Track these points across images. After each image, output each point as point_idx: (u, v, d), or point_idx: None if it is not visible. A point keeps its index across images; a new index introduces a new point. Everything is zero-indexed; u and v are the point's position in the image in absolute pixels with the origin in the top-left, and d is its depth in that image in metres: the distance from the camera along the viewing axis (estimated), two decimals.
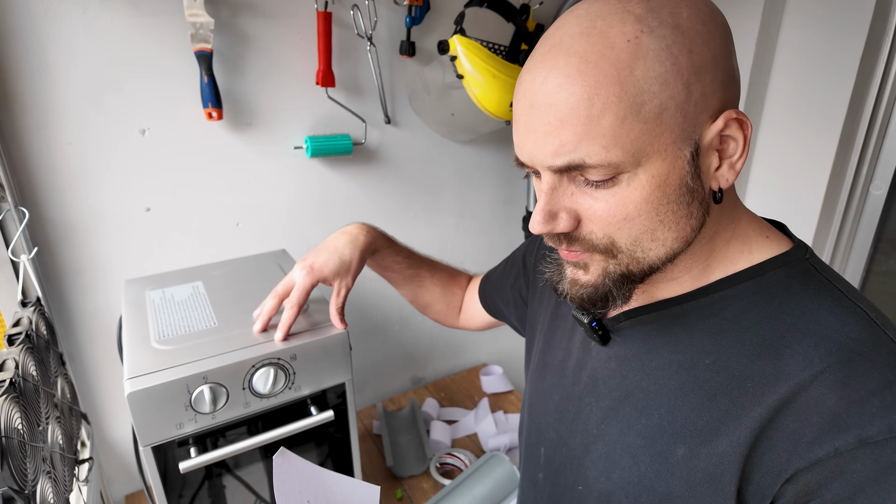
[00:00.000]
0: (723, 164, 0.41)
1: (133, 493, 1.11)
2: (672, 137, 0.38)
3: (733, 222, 0.46)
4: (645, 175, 0.39)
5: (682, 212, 0.41)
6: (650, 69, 0.36)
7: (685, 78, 0.37)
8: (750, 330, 0.43)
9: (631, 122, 0.37)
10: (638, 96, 0.37)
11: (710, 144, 0.40)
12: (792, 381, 0.39)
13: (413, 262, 0.84)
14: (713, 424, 0.42)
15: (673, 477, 0.44)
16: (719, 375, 0.43)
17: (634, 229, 0.41)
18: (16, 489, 0.53)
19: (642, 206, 0.40)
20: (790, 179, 1.23)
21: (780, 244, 0.46)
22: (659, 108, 0.37)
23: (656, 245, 0.42)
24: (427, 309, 0.89)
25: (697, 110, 0.38)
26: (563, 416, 0.57)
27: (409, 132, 1.20)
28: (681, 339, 0.46)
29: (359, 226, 0.78)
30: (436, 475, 1.11)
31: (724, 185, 0.42)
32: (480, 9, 1.09)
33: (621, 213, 0.40)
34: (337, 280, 0.74)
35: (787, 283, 0.43)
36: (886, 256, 1.23)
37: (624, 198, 0.40)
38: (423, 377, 1.47)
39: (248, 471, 0.77)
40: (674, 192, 0.40)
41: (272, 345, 0.71)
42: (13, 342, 0.70)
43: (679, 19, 0.37)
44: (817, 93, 1.13)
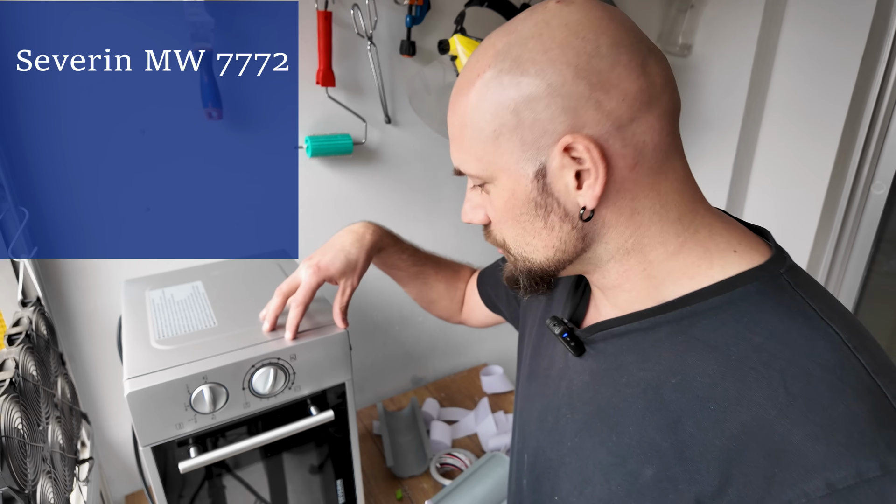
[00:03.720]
0: (583, 185, 0.43)
1: (133, 493, 1.11)
2: (513, 158, 0.44)
3: (683, 234, 0.45)
4: (497, 188, 0.46)
5: (539, 223, 0.46)
6: (485, 101, 0.43)
7: (512, 108, 0.42)
8: (717, 349, 0.41)
9: (479, 144, 0.45)
10: (478, 122, 0.44)
11: (560, 165, 0.42)
12: (755, 412, 0.38)
13: (418, 260, 0.84)
14: (677, 449, 0.41)
15: (644, 498, 0.43)
16: (684, 397, 0.42)
17: (510, 232, 0.48)
18: (16, 489, 0.53)
19: (504, 213, 0.47)
20: (791, 179, 1.23)
21: (754, 256, 0.44)
22: (494, 133, 0.44)
23: (531, 250, 0.48)
24: (432, 306, 0.89)
25: (535, 135, 0.42)
26: (543, 424, 0.57)
27: (409, 132, 1.20)
28: (649, 356, 0.45)
29: (364, 224, 0.77)
30: (436, 475, 1.11)
31: (588, 205, 0.43)
32: (481, 8, 1.09)
33: (496, 217, 0.49)
34: (343, 279, 0.74)
35: (759, 300, 0.42)
36: (887, 256, 1.23)
37: (493, 204, 0.48)
38: (423, 377, 1.47)
39: (248, 471, 0.77)
40: (523, 205, 0.45)
41: (272, 345, 0.71)
42: (13, 342, 0.70)
43: (523, 51, 0.42)
44: (818, 93, 1.13)
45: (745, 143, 1.26)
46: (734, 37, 1.18)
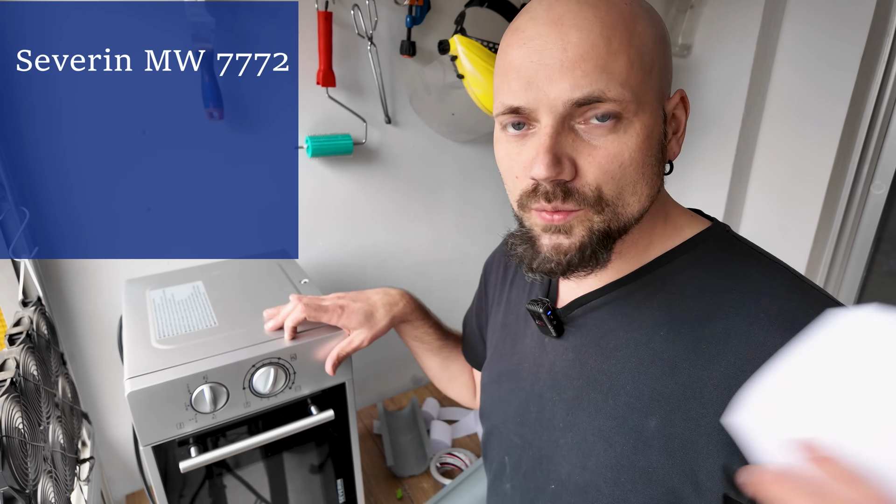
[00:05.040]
0: (673, 138, 0.46)
1: (134, 492, 1.11)
2: (655, 95, 0.43)
3: (666, 203, 0.50)
4: (639, 123, 0.42)
5: (656, 168, 0.45)
6: (646, 28, 0.42)
7: (664, 46, 0.43)
8: (694, 298, 0.46)
9: (637, 69, 0.41)
10: (641, 46, 0.41)
11: (669, 114, 0.45)
12: (742, 337, 0.42)
13: (442, 335, 0.82)
14: (679, 390, 0.44)
15: (651, 449, 0.45)
16: (675, 344, 0.45)
17: (623, 179, 0.43)
18: (17, 488, 0.53)
19: (636, 155, 0.42)
20: (791, 179, 1.23)
21: (703, 222, 0.51)
22: (651, 63, 0.42)
23: (634, 199, 0.44)
24: (452, 382, 0.85)
25: (667, 79, 0.44)
26: (525, 418, 0.57)
27: (409, 132, 1.20)
28: (633, 318, 0.49)
29: (401, 293, 0.77)
30: (436, 475, 1.11)
31: (671, 158, 0.47)
32: (481, 9, 1.09)
33: (618, 160, 0.42)
34: (356, 331, 0.74)
35: (717, 254, 0.48)
36: (887, 256, 1.23)
37: (621, 144, 0.42)
38: (423, 377, 1.47)
39: (248, 470, 0.77)
40: (655, 146, 0.44)
41: (272, 344, 0.71)
42: (14, 342, 0.70)
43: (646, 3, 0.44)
44: (818, 92, 1.13)
45: (745, 143, 1.26)
46: (734, 37, 1.18)
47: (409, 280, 1.33)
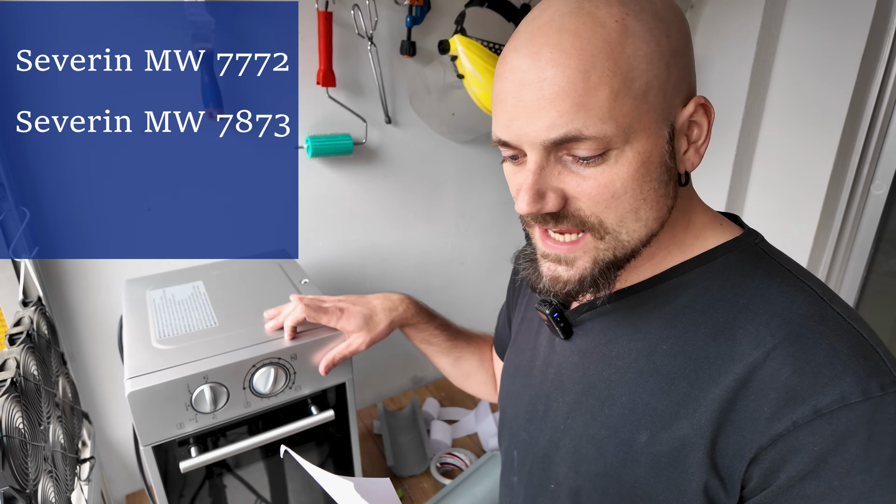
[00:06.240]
0: (690, 148, 0.43)
1: (134, 492, 1.11)
2: (655, 116, 0.40)
3: (689, 211, 0.48)
4: (632, 151, 0.40)
5: (661, 190, 0.42)
6: (638, 48, 0.38)
7: (666, 60, 0.39)
8: (704, 314, 0.44)
9: (623, 97, 0.38)
10: (629, 72, 0.38)
11: (681, 127, 0.42)
12: (746, 361, 0.40)
13: (451, 335, 0.82)
14: (673, 408, 0.43)
15: (638, 464, 0.45)
16: (677, 360, 0.44)
17: (621, 208, 0.41)
18: (17, 488, 0.53)
19: (629, 183, 0.40)
20: (791, 179, 1.23)
21: (732, 231, 0.48)
22: (646, 86, 0.39)
23: (639, 226, 0.43)
24: (467, 380, 0.86)
25: (674, 93, 0.41)
26: (532, 415, 0.57)
27: (409, 132, 1.20)
28: (639, 327, 0.47)
29: (402, 297, 0.77)
30: (436, 475, 1.11)
31: (689, 169, 0.44)
32: (481, 9, 1.09)
33: (609, 191, 0.41)
34: (354, 335, 0.74)
35: (738, 267, 0.45)
36: (887, 256, 1.23)
37: (612, 175, 0.40)
38: (423, 377, 1.47)
39: (248, 470, 0.77)
40: (656, 170, 0.41)
41: (273, 344, 0.71)
42: (14, 342, 0.70)
43: (656, 7, 0.40)
44: (818, 93, 1.13)
45: (745, 143, 1.26)
46: (734, 37, 1.18)
47: (409, 280, 1.33)
